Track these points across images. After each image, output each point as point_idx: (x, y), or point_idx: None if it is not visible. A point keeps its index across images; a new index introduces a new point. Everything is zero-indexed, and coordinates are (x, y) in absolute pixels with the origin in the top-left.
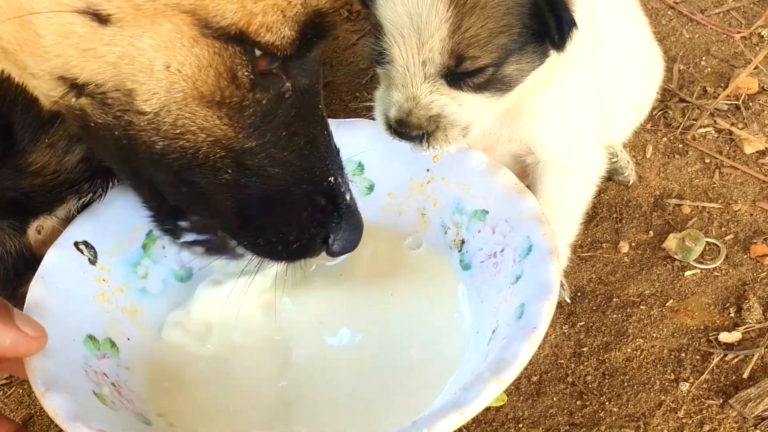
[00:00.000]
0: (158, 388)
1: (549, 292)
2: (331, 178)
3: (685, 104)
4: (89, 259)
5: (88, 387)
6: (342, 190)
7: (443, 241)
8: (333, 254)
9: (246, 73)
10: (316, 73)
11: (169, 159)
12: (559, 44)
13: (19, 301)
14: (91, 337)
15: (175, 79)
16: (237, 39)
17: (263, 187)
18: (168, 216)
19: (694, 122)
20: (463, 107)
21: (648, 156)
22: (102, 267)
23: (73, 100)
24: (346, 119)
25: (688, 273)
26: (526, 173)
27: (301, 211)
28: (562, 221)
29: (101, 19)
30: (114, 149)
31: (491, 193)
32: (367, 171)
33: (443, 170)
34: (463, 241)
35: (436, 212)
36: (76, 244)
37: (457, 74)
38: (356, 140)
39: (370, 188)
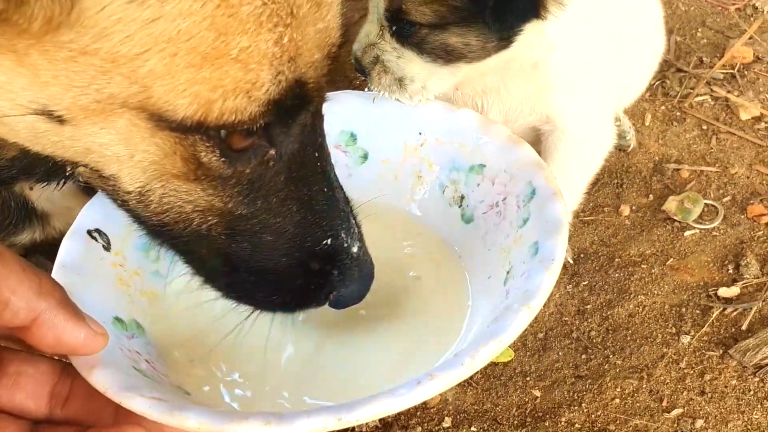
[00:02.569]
0: (183, 364)
1: (560, 227)
2: (329, 240)
3: (682, 74)
4: (103, 246)
5: (128, 363)
6: (345, 245)
7: (442, 199)
8: (336, 308)
9: (214, 157)
10: (309, 135)
11: (167, 227)
12: (494, 30)
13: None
14: (118, 319)
15: (145, 165)
16: (196, 129)
17: (255, 254)
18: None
19: (691, 91)
20: (400, 60)
21: (647, 124)
22: (116, 252)
23: (69, 168)
24: (333, 92)
25: (687, 233)
26: (537, 141)
27: (295, 278)
28: (571, 190)
29: (57, 118)
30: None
31: (486, 147)
32: (360, 140)
33: (436, 131)
34: (462, 197)
35: (433, 173)
36: (89, 232)
37: (398, 25)
38: (346, 111)
39: (365, 157)
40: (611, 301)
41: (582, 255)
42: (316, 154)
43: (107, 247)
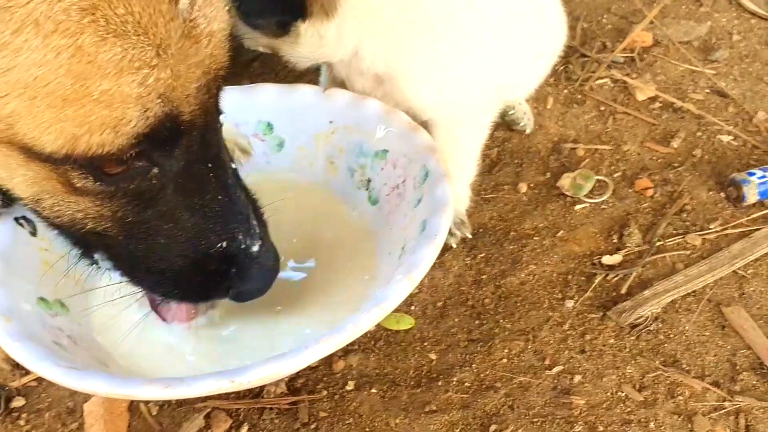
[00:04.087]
0: (109, 337)
1: (445, 205)
2: (224, 243)
3: (585, 59)
4: (30, 231)
5: (49, 338)
6: (242, 247)
7: (351, 182)
8: (238, 301)
9: (88, 182)
10: (197, 152)
11: (65, 228)
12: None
13: None
14: (42, 299)
15: (27, 185)
16: (65, 161)
17: (152, 254)
18: (87, 254)
19: (593, 74)
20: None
21: (549, 107)
22: (42, 238)
23: None
24: (251, 84)
25: (578, 207)
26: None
27: (193, 275)
28: (458, 165)
29: None
30: None
31: (389, 133)
32: (276, 129)
33: (344, 119)
34: (369, 180)
35: (343, 158)
36: (16, 219)
37: None
38: (262, 102)
39: (281, 145)
40: (505, 271)
41: (481, 230)
42: (209, 165)
43: (33, 233)
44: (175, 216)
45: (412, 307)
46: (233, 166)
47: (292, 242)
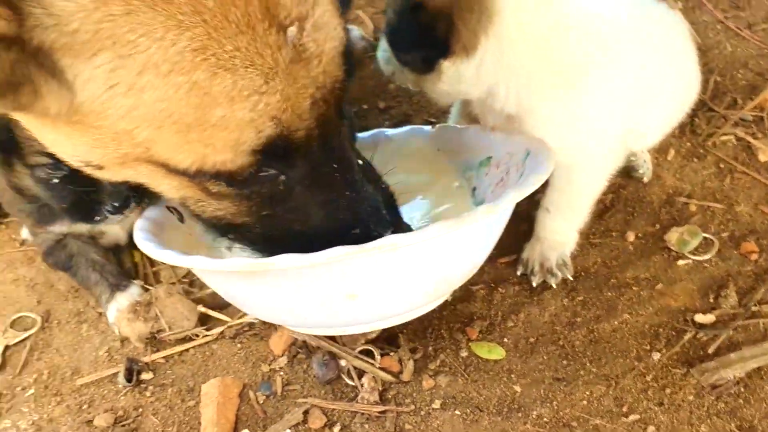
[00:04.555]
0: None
1: (548, 157)
2: (357, 230)
3: (712, 113)
4: (178, 218)
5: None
6: (374, 234)
7: (457, 196)
8: None
9: (222, 188)
10: (320, 157)
11: (210, 220)
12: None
13: None
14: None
15: (172, 191)
16: (198, 175)
17: (289, 240)
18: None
19: (717, 130)
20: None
21: (669, 158)
22: (188, 226)
23: None
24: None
25: (681, 262)
26: None
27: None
28: (572, 209)
29: (96, 166)
30: None
31: (492, 143)
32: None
33: (450, 145)
34: (474, 188)
35: (448, 177)
36: (167, 207)
37: None
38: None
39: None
40: (599, 317)
41: (583, 273)
42: (334, 166)
43: (181, 220)
44: (307, 210)
45: (505, 340)
46: (360, 162)
47: None
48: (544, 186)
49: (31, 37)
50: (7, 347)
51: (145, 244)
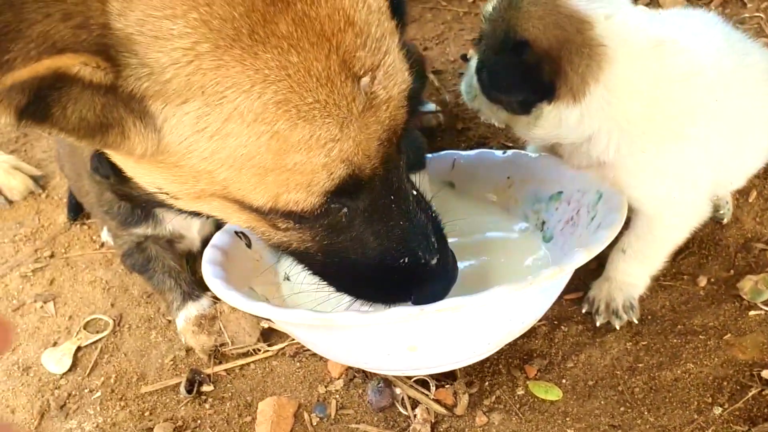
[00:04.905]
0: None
1: (620, 207)
2: (405, 259)
3: None
4: (246, 244)
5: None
6: (422, 262)
7: (527, 227)
8: (417, 305)
9: (289, 225)
10: (379, 192)
11: (278, 246)
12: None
13: None
14: (252, 289)
15: (242, 223)
16: (270, 213)
17: (346, 267)
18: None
19: None
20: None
21: (750, 200)
22: (255, 251)
23: None
24: (435, 153)
25: (752, 312)
26: None
27: (380, 283)
28: (649, 255)
29: (173, 197)
30: None
31: (562, 177)
32: (457, 187)
33: (521, 174)
34: (543, 222)
35: (519, 207)
36: (236, 232)
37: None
38: (444, 167)
39: (460, 196)
40: (662, 364)
41: (649, 317)
42: (392, 198)
43: (249, 245)
44: (363, 240)
45: (563, 380)
46: (414, 193)
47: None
48: (623, 226)
49: (125, 85)
50: (79, 348)
51: (213, 281)
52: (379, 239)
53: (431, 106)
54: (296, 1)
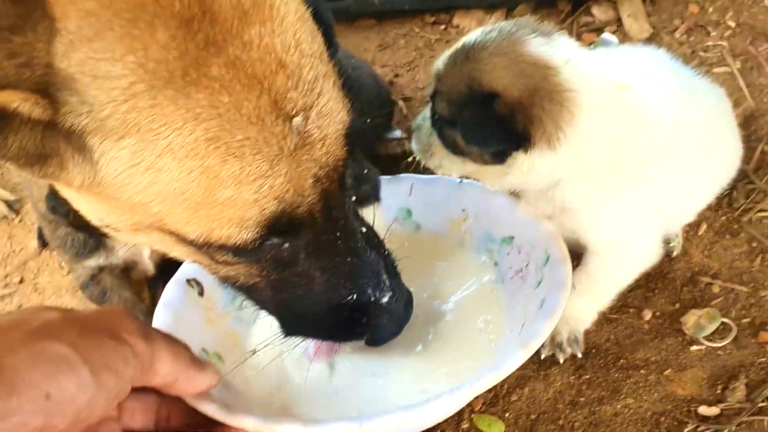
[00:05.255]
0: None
1: (563, 286)
2: (354, 296)
3: (752, 186)
4: (198, 292)
5: None
6: (372, 299)
7: (479, 265)
8: (371, 345)
9: (228, 257)
10: (323, 226)
11: (225, 280)
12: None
13: None
14: (204, 350)
15: (184, 256)
16: (205, 246)
17: (294, 302)
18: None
19: (756, 205)
20: (431, 137)
21: (700, 233)
22: (207, 298)
23: None
24: (393, 176)
25: (693, 348)
26: None
27: (329, 320)
28: (600, 293)
29: (113, 229)
30: None
31: (515, 222)
32: (414, 215)
33: (476, 209)
34: (495, 263)
35: (472, 243)
36: (187, 280)
37: (432, 110)
38: (402, 191)
39: (417, 228)
40: (603, 399)
41: (594, 350)
42: (337, 234)
43: (201, 293)
44: (310, 275)
45: (507, 414)
46: (363, 230)
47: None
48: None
49: (63, 120)
50: None
51: (208, 406)
52: (326, 275)
53: (397, 133)
54: (228, 46)
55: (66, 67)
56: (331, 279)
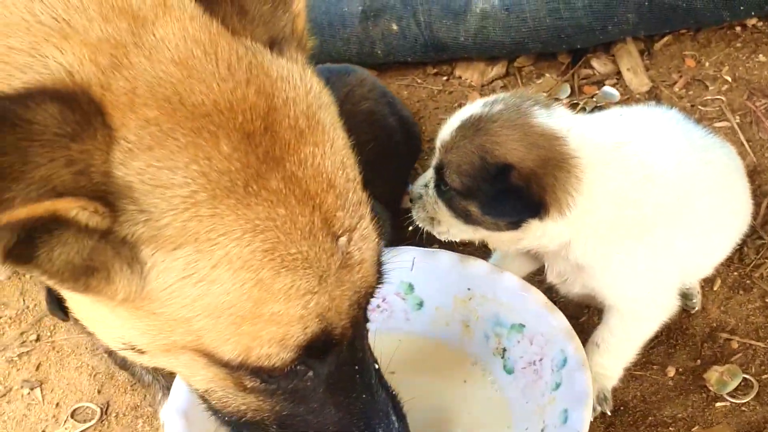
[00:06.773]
0: None
1: (586, 398)
2: None
3: (761, 242)
4: None
5: None
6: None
7: (486, 348)
8: None
9: (256, 384)
10: (345, 357)
11: (228, 416)
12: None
13: None
14: None
15: (205, 382)
16: (240, 368)
17: None
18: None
19: (766, 261)
20: (435, 205)
21: (715, 289)
22: None
23: None
24: (398, 246)
25: (718, 404)
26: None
27: None
28: (623, 348)
29: (138, 350)
30: None
31: (526, 309)
32: (417, 290)
33: (482, 289)
34: (504, 349)
35: (479, 324)
36: None
37: (439, 180)
38: (403, 263)
39: (420, 304)
40: None
41: (622, 408)
42: (356, 367)
43: None
44: (324, 411)
45: None
46: (376, 367)
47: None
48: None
49: (119, 230)
50: None
51: None
52: (340, 412)
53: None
54: (285, 162)
55: (124, 175)
56: (344, 417)
